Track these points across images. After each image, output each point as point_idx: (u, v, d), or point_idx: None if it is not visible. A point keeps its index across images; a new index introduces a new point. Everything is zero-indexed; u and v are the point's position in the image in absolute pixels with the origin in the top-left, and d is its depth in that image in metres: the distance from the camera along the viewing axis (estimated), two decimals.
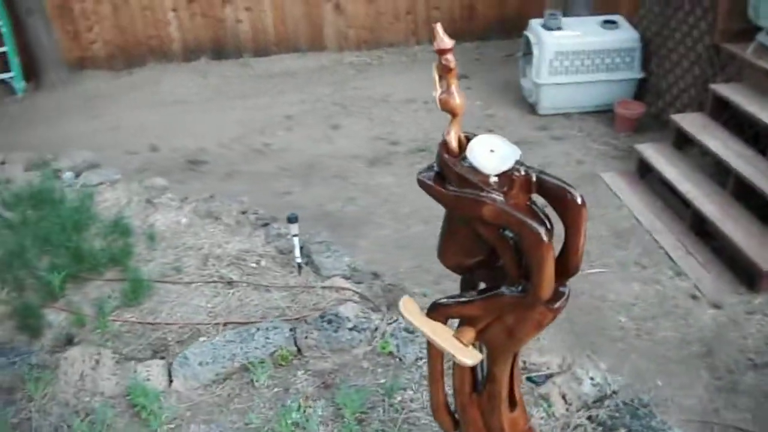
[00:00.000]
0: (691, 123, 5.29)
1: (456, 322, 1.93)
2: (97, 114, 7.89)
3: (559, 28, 6.35)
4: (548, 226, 1.76)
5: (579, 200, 1.68)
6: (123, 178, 5.45)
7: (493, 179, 1.66)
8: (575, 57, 6.31)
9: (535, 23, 6.56)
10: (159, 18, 8.69)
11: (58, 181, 5.35)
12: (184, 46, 8.89)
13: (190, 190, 5.57)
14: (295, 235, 4.02)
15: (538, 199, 1.75)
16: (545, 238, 1.59)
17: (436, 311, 1.93)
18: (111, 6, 8.54)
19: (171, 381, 3.06)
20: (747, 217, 4.54)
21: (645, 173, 5.43)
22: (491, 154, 1.68)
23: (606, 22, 6.48)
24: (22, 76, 8.52)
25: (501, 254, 1.73)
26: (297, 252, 4.06)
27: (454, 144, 1.75)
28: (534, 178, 1.71)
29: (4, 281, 4.10)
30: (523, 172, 1.70)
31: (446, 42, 1.65)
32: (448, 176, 1.71)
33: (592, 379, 2.85)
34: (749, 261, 4.25)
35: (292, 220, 3.99)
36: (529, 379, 2.93)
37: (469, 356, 1.83)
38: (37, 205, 4.90)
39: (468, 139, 1.77)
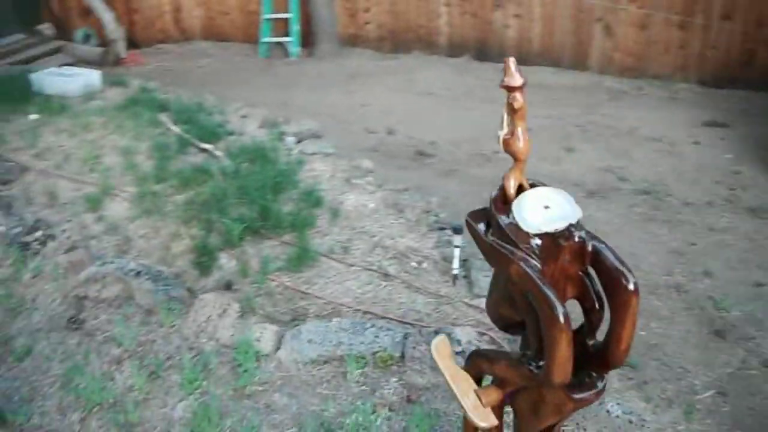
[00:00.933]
0: None
1: None
2: (352, 90, 8.36)
3: None
4: (597, 306, 1.57)
5: (632, 286, 1.48)
6: (336, 154, 5.73)
7: (536, 241, 1.50)
8: None
9: None
10: (431, 9, 8.97)
11: (280, 143, 5.77)
12: (450, 41, 9.10)
13: (404, 178, 5.69)
14: (457, 246, 3.97)
15: None
16: (561, 319, 1.41)
17: (470, 361, 1.82)
18: None
19: (278, 348, 3.19)
20: None
21: None
22: (541, 211, 1.53)
23: None
24: (299, 43, 9.29)
25: (526, 321, 1.58)
26: (456, 263, 4.00)
27: (512, 191, 1.62)
28: (590, 248, 1.53)
29: (199, 220, 4.54)
30: (576, 239, 1.53)
31: (516, 79, 1.53)
32: (492, 223, 1.59)
33: None
34: None
35: (457, 230, 3.94)
36: None
37: (480, 417, 1.70)
38: (254, 159, 5.34)
39: (533, 187, 1.63)
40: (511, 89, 1.53)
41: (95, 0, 8.82)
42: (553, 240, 1.51)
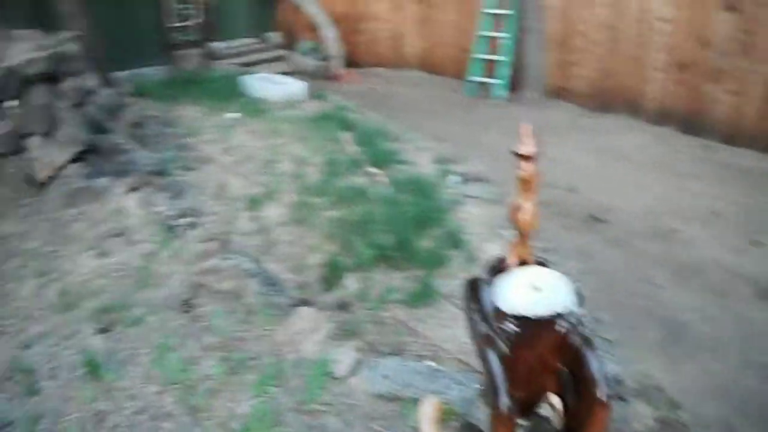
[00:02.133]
0: None
1: None
2: (545, 141, 8.08)
3: None
4: (566, 404, 1.48)
5: (603, 398, 1.37)
6: (496, 200, 5.67)
7: (512, 322, 1.43)
8: None
9: None
10: (643, 73, 8.61)
11: (444, 179, 5.82)
12: (658, 109, 8.67)
13: (563, 239, 5.50)
14: None
15: None
16: (502, 409, 1.34)
17: None
18: (604, 49, 8.74)
19: (354, 374, 3.24)
20: None
21: None
22: (527, 292, 1.46)
23: None
24: (506, 86, 9.35)
25: None
26: None
27: (511, 263, 1.56)
28: (572, 345, 1.44)
29: (340, 240, 4.70)
30: (559, 332, 1.44)
31: (528, 148, 1.48)
32: (480, 293, 1.54)
33: None
34: None
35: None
36: None
37: None
38: (412, 191, 5.44)
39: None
40: (523, 158, 1.48)
41: (321, 17, 9.45)
42: (534, 326, 1.44)
